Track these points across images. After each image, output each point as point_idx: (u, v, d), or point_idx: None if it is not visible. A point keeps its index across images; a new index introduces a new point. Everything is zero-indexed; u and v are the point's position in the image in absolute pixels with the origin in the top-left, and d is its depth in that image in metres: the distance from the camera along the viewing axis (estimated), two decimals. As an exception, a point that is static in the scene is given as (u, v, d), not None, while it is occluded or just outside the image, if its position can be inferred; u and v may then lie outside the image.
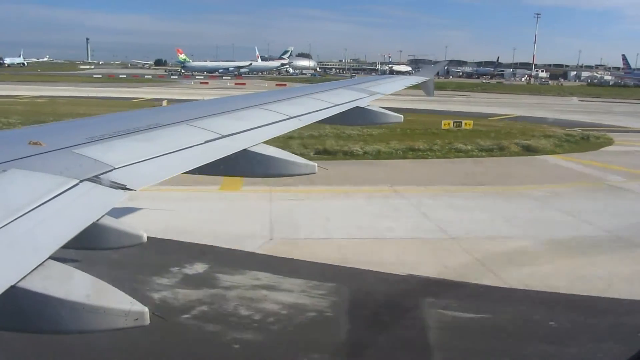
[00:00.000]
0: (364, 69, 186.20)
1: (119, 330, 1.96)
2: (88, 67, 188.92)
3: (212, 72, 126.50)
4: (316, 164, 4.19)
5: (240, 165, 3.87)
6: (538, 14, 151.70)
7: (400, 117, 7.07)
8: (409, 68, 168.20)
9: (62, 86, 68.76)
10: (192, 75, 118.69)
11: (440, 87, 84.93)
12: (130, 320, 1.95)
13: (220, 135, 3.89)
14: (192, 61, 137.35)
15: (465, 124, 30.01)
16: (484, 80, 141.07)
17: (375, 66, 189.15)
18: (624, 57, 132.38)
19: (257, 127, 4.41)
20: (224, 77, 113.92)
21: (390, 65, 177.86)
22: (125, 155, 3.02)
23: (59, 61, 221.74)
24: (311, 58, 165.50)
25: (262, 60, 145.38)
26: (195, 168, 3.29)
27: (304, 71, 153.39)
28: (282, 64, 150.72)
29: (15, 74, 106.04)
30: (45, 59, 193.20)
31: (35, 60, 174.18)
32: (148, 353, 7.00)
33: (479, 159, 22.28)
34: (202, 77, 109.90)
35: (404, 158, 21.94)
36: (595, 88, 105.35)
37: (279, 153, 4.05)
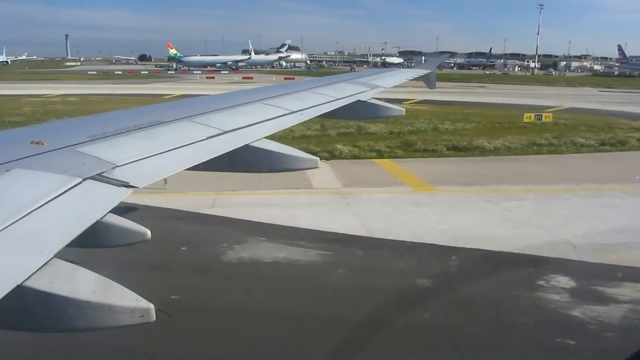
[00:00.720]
0: (355, 62, 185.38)
1: (124, 327, 1.96)
2: (74, 64, 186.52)
3: (208, 67, 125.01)
4: (318, 159, 4.19)
5: (243, 161, 3.87)
6: (541, 5, 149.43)
7: (402, 111, 7.02)
8: (401, 60, 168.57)
9: (71, 84, 68.19)
10: (189, 70, 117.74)
11: (445, 78, 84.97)
12: (136, 317, 1.95)
13: (222, 131, 3.88)
14: (184, 56, 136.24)
15: (545, 116, 29.96)
16: (487, 72, 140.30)
17: (367, 58, 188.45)
18: (620, 47, 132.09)
19: (259, 122, 4.40)
20: (222, 72, 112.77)
21: (383, 58, 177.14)
22: (127, 153, 3.01)
23: (41, 58, 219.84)
24: (300, 51, 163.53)
25: (254, 54, 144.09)
26: (198, 164, 3.28)
27: (296, 64, 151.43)
28: (280, 57, 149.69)
29: (6, 72, 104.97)
30: (23, 57, 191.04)
31: (13, 58, 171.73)
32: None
33: (624, 153, 22.02)
34: (200, 72, 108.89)
35: (539, 153, 21.84)
36: (602, 78, 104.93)
37: (281, 148, 4.04)
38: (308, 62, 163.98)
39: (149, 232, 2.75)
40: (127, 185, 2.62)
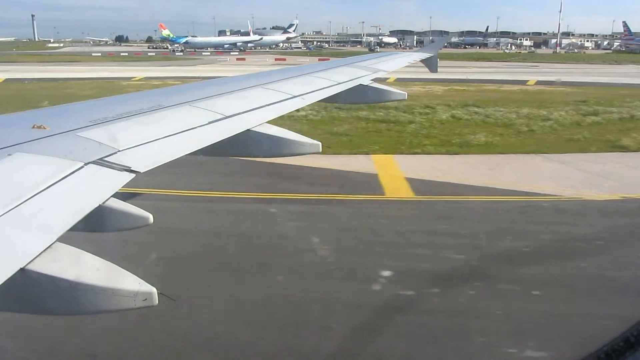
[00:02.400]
0: (350, 42, 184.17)
1: (127, 310, 1.98)
2: (57, 45, 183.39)
3: (216, 48, 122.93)
4: (320, 143, 4.18)
5: (245, 146, 3.87)
6: None
7: (404, 94, 6.99)
8: (395, 40, 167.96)
9: (98, 66, 66.14)
10: (196, 51, 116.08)
11: (461, 57, 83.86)
12: (139, 301, 1.97)
13: (223, 116, 3.88)
14: (177, 37, 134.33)
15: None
16: (507, 50, 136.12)
17: (359, 38, 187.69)
18: (625, 24, 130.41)
19: (260, 106, 4.39)
20: (231, 53, 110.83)
21: (380, 38, 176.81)
22: (129, 137, 3.02)
23: (10, 39, 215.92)
24: (294, 32, 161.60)
25: (254, 33, 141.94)
26: (200, 149, 3.29)
27: (292, 45, 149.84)
28: (288, 38, 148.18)
29: (6, 54, 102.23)
30: None
31: None
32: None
33: None
34: (209, 54, 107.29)
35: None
36: (625, 55, 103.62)
37: (283, 132, 4.04)
38: (301, 42, 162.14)
39: (151, 217, 2.76)
40: (128, 170, 2.63)
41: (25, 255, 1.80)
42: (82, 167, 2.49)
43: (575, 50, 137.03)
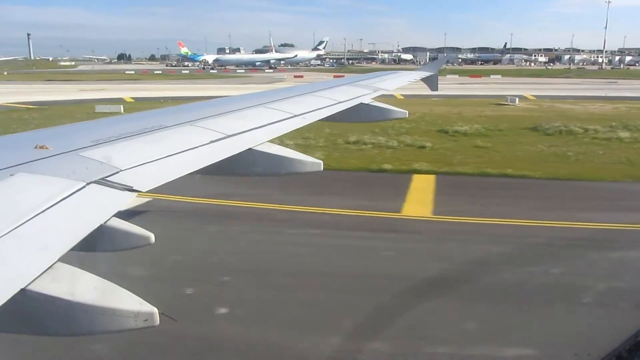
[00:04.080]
0: (364, 59, 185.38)
1: (128, 331, 1.97)
2: (69, 64, 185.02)
3: (247, 65, 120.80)
4: (321, 162, 4.19)
5: (246, 165, 3.88)
6: (609, 1, 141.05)
7: (405, 113, 7.02)
8: (411, 56, 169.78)
9: (149, 85, 65.11)
10: (226, 69, 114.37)
11: (511, 74, 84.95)
12: (140, 321, 1.96)
13: (225, 135, 3.89)
14: (195, 55, 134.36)
15: None
16: (549, 67, 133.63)
17: (375, 55, 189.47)
18: None
19: (261, 126, 4.41)
20: (266, 70, 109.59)
21: (398, 54, 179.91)
22: (131, 157, 3.03)
23: (6, 58, 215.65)
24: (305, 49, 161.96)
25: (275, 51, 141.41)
26: (201, 168, 3.29)
27: (312, 62, 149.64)
28: (318, 55, 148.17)
29: (30, 73, 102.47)
30: (2, 58, 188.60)
31: None
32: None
33: None
34: (243, 71, 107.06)
35: None
36: None
37: (284, 151, 4.05)
38: (325, 59, 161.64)
39: (152, 236, 2.75)
40: (130, 190, 2.64)
41: (26, 276, 1.79)
42: (84, 186, 2.49)
43: (621, 66, 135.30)
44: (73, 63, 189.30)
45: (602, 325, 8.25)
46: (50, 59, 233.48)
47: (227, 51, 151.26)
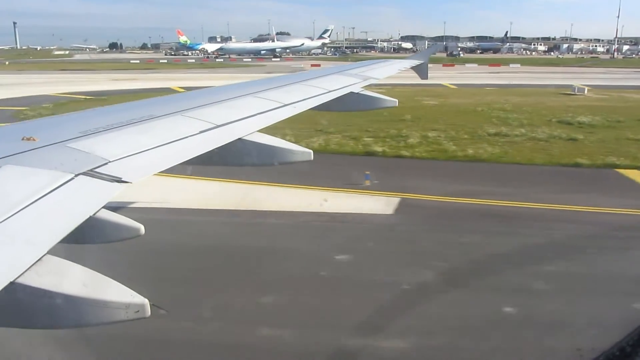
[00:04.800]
0: (364, 47, 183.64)
1: (119, 322, 1.96)
2: (63, 53, 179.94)
3: (251, 54, 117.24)
4: (311, 151, 4.18)
5: (236, 155, 3.87)
6: None
7: (395, 102, 7.02)
8: (411, 45, 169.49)
9: (164, 74, 62.03)
10: (230, 57, 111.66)
11: (531, 63, 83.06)
12: (131, 313, 1.95)
13: (214, 125, 3.87)
14: (194, 44, 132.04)
15: None
16: (560, 55, 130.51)
17: (375, 43, 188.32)
18: None
19: (251, 115, 4.39)
20: (273, 59, 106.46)
21: (399, 43, 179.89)
22: (119, 148, 3.00)
23: (17, 48, 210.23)
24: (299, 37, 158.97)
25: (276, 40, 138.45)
26: (191, 158, 3.28)
27: (312, 51, 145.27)
28: (323, 44, 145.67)
29: (31, 63, 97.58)
30: None
31: None
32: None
33: None
34: (250, 60, 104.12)
35: None
36: None
37: (275, 141, 4.04)
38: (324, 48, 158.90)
39: (142, 228, 2.74)
40: (119, 181, 2.62)
41: (15, 269, 1.78)
42: (72, 178, 2.47)
43: (634, 56, 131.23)
44: (67, 52, 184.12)
45: None
46: (39, 47, 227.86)
47: (219, 40, 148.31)
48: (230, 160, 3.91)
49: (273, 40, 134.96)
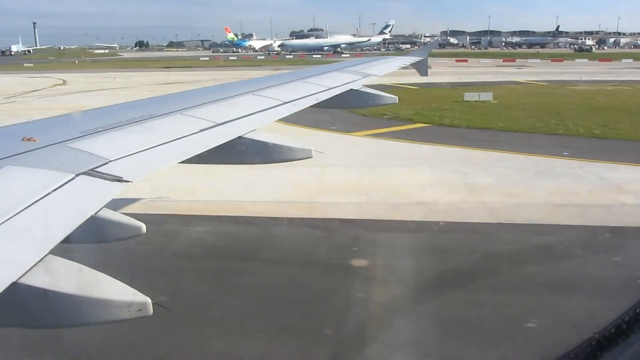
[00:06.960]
0: (411, 42, 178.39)
1: (121, 321, 1.97)
2: (102, 51, 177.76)
3: (311, 51, 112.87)
4: (312, 149, 4.18)
5: (237, 153, 3.87)
6: None
7: (395, 98, 7.02)
8: (456, 40, 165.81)
9: (245, 71, 54.61)
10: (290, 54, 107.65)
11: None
12: (133, 312, 1.96)
13: (214, 124, 3.88)
14: (243, 40, 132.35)
15: None
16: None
17: (418, 39, 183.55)
18: None
19: (251, 113, 4.39)
20: (342, 55, 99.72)
21: (448, 38, 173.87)
22: (120, 147, 3.01)
23: (43, 47, 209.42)
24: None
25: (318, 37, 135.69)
26: (191, 157, 3.28)
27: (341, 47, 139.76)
28: (384, 39, 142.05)
29: (79, 62, 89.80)
30: (38, 47, 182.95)
31: (27, 48, 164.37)
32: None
33: None
34: (320, 56, 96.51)
35: None
36: None
37: (275, 139, 4.04)
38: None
39: (144, 227, 2.74)
40: (120, 180, 2.62)
41: (17, 269, 1.78)
42: (73, 178, 2.47)
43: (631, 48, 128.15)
44: (107, 51, 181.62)
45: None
46: (62, 47, 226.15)
47: (240, 37, 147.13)
48: (231, 157, 3.92)
49: (324, 37, 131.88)
